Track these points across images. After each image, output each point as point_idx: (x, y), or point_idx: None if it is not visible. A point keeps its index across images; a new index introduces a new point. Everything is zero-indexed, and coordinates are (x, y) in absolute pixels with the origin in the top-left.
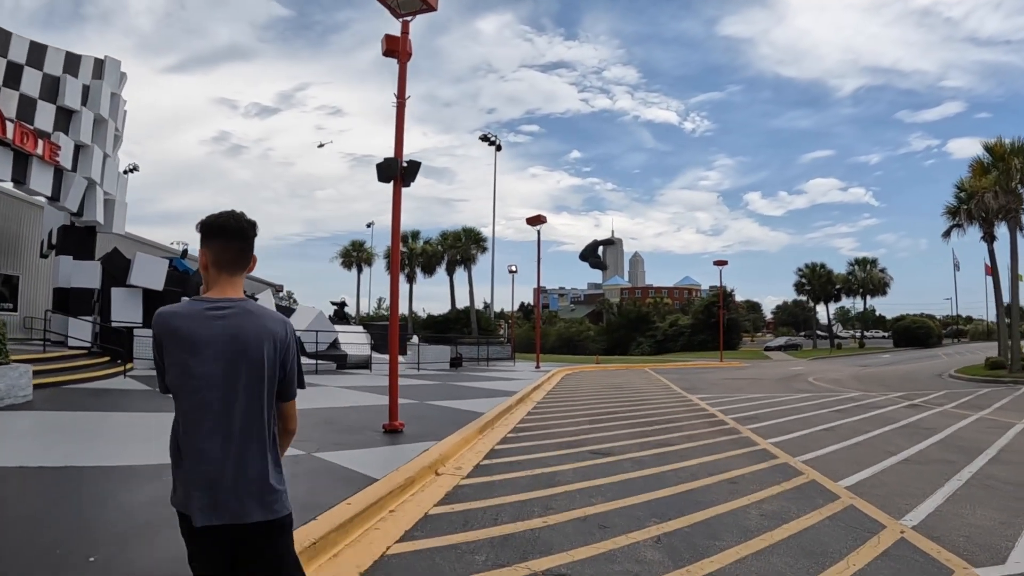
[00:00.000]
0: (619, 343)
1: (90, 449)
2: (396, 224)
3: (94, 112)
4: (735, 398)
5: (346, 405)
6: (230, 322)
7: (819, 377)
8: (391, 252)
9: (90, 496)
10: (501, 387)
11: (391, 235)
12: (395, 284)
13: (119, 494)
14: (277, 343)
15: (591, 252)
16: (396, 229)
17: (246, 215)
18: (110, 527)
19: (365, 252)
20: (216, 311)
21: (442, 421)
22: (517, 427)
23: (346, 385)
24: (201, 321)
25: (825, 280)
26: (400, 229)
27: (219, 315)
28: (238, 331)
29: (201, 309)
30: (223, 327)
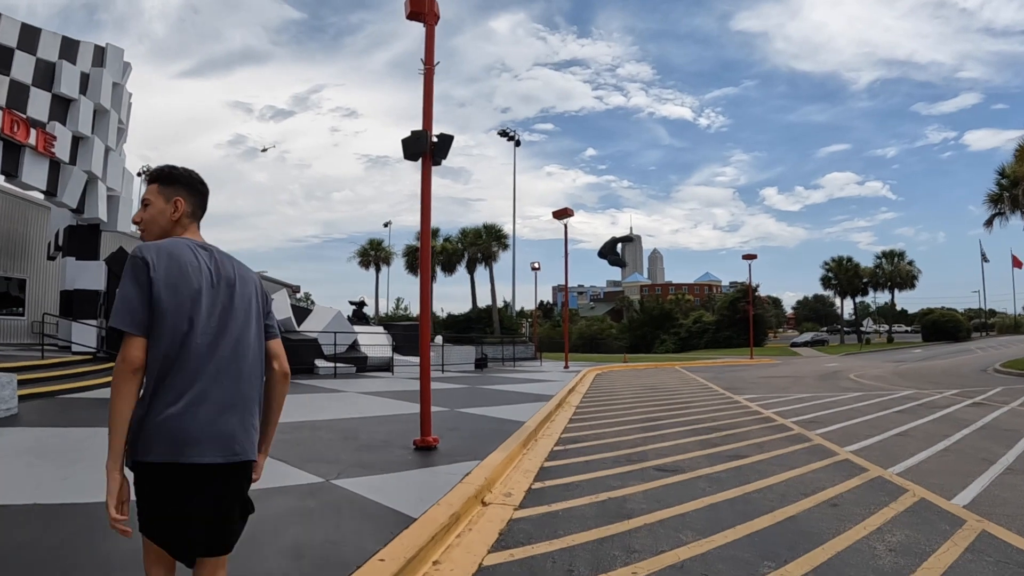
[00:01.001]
0: (642, 340)
1: (71, 478)
2: (426, 208)
3: (94, 102)
4: (783, 398)
5: (369, 415)
6: (217, 258)
7: (860, 374)
8: (421, 239)
9: (61, 547)
10: (534, 390)
11: (420, 220)
12: (426, 277)
13: (100, 544)
14: (257, 287)
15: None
16: (426, 213)
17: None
18: None
19: (383, 251)
20: (203, 249)
21: (479, 433)
22: (563, 438)
23: (368, 391)
24: (194, 253)
25: (852, 274)
26: (431, 214)
27: (206, 252)
28: (226, 268)
29: (190, 243)
30: (215, 262)
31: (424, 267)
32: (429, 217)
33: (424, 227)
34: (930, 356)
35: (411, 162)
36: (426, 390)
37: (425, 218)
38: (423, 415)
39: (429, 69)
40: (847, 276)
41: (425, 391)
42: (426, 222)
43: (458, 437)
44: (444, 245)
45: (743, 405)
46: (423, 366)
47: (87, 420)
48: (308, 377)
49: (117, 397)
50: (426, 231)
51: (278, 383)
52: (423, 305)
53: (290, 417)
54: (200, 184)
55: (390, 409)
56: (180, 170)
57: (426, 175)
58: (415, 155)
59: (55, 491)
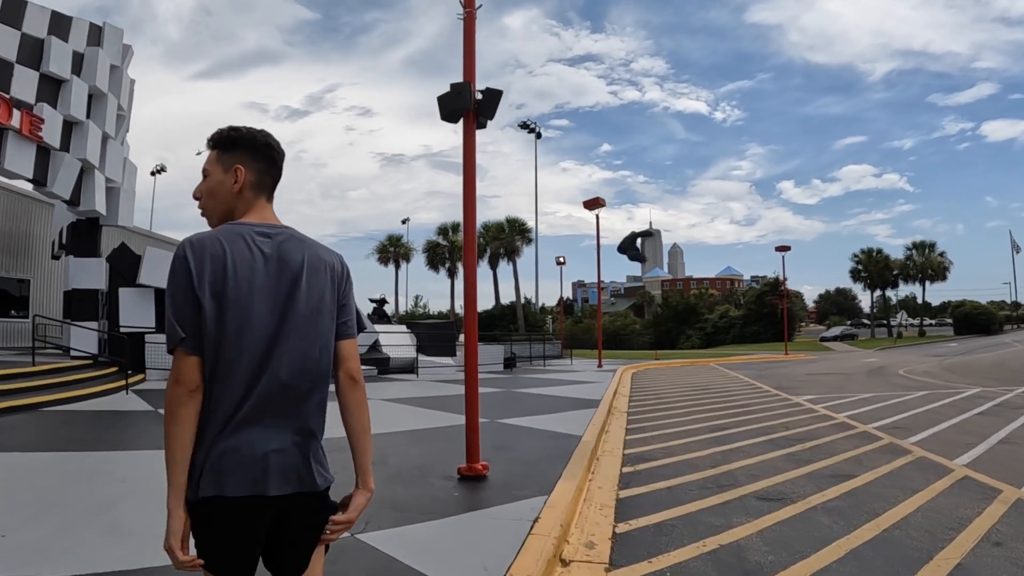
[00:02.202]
0: (667, 336)
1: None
2: (470, 177)
3: (89, 84)
4: (846, 399)
5: (398, 429)
6: (282, 244)
7: (908, 370)
8: (464, 217)
9: None
10: (574, 393)
11: (463, 194)
12: (471, 261)
13: None
14: (335, 272)
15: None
16: (470, 183)
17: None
18: None
19: (403, 247)
20: (263, 236)
21: (531, 453)
22: (628, 455)
23: (393, 397)
24: (250, 244)
25: (883, 266)
26: (475, 186)
27: (268, 240)
28: (291, 256)
29: (247, 231)
30: (277, 251)
31: (469, 247)
32: (474, 189)
33: (468, 200)
34: (969, 350)
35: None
36: (473, 405)
37: (469, 189)
38: (470, 436)
39: (470, 13)
40: (877, 268)
41: (472, 406)
42: (470, 194)
43: (508, 459)
44: None
45: (807, 408)
46: (469, 375)
47: (68, 442)
48: None
49: (172, 423)
50: (470, 203)
51: (347, 390)
52: (468, 297)
53: None
54: (267, 147)
55: (421, 421)
56: (243, 131)
57: (469, 138)
58: (454, 114)
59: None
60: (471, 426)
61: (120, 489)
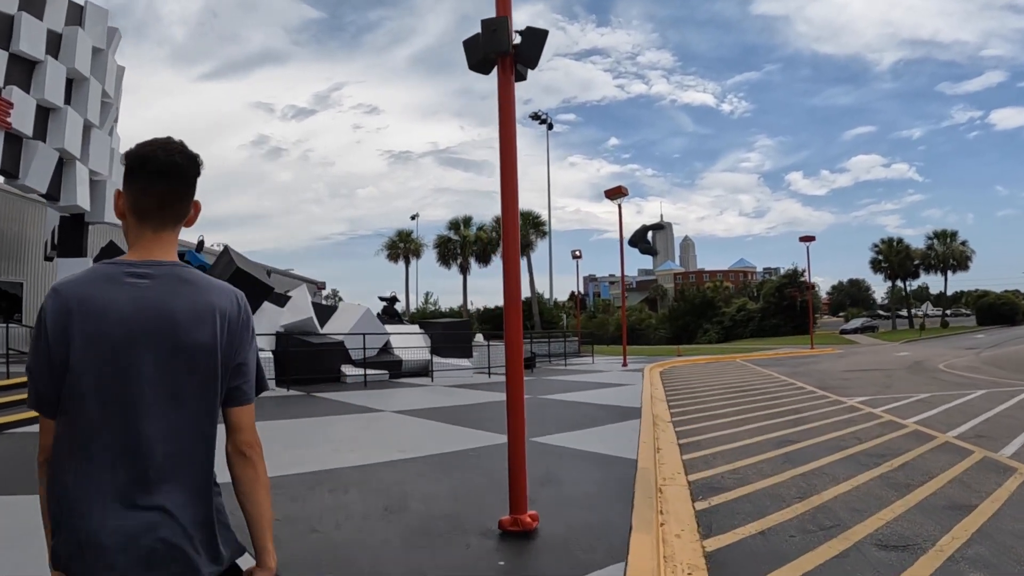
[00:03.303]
0: (684, 330)
1: None
2: (508, 144)
3: (67, 66)
4: (901, 400)
5: (417, 453)
6: (152, 293)
7: (948, 364)
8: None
9: None
10: (608, 399)
11: (501, 167)
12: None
13: None
14: (225, 323)
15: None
16: (508, 152)
17: (185, 145)
18: None
19: (413, 243)
20: (137, 278)
21: (582, 486)
22: (694, 482)
23: (408, 408)
24: (119, 289)
25: (904, 256)
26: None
27: (142, 283)
28: (164, 305)
29: (118, 273)
30: (143, 300)
31: (510, 230)
32: (514, 158)
33: (507, 171)
34: (999, 342)
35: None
36: (519, 438)
37: (508, 158)
38: (515, 479)
39: None
40: (899, 259)
41: (517, 440)
42: (509, 163)
43: (558, 500)
44: (478, 235)
45: (867, 412)
46: (513, 400)
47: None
48: (333, 388)
49: (40, 488)
50: (510, 174)
51: (236, 467)
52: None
53: (302, 463)
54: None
55: (442, 441)
56: (132, 149)
57: (506, 93)
58: (485, 63)
59: None
60: (516, 466)
61: None
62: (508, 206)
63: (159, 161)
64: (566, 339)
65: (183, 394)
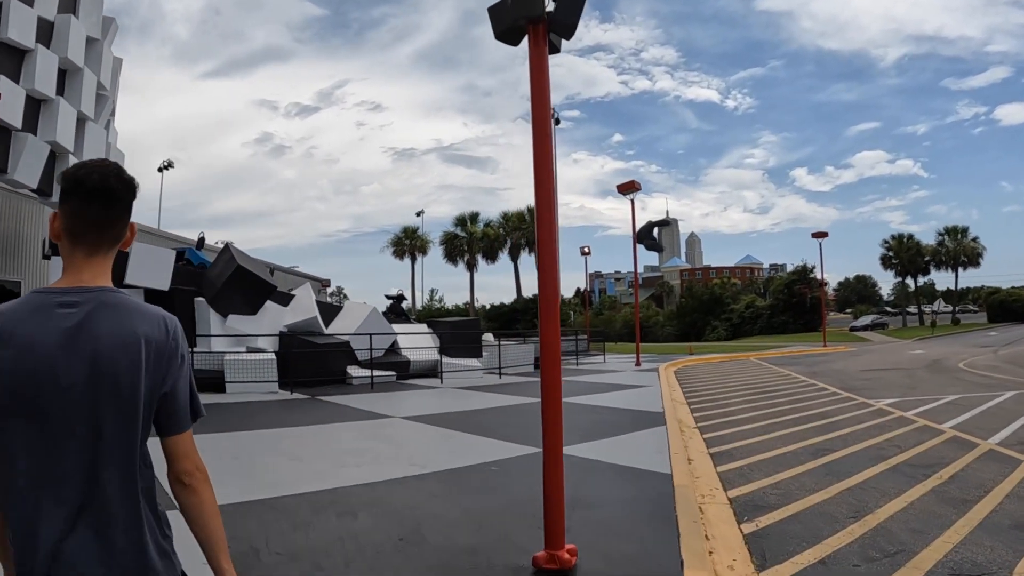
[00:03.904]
0: (692, 327)
1: None
2: (541, 119)
3: (59, 56)
4: (931, 402)
5: (430, 471)
6: (77, 323)
7: (968, 363)
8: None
9: None
10: (627, 402)
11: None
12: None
13: None
14: (154, 349)
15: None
16: (542, 130)
17: (120, 168)
18: None
19: (419, 239)
20: (65, 307)
21: (618, 507)
22: (735, 499)
23: (418, 413)
24: (48, 318)
25: (914, 252)
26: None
27: (70, 312)
28: (89, 335)
29: (48, 303)
30: (68, 332)
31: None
32: (549, 138)
33: (540, 156)
34: (1015, 339)
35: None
36: (556, 462)
37: (541, 140)
38: (552, 509)
39: None
40: (909, 255)
41: (555, 464)
42: (543, 146)
43: (593, 527)
44: (485, 231)
45: (899, 416)
46: (550, 415)
47: None
48: (338, 391)
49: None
50: (544, 158)
51: (178, 496)
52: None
53: (305, 480)
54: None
55: (458, 453)
56: (68, 171)
57: (538, 65)
58: (513, 31)
59: None
60: (553, 493)
61: None
62: (543, 193)
63: (94, 184)
64: (577, 337)
65: (108, 426)
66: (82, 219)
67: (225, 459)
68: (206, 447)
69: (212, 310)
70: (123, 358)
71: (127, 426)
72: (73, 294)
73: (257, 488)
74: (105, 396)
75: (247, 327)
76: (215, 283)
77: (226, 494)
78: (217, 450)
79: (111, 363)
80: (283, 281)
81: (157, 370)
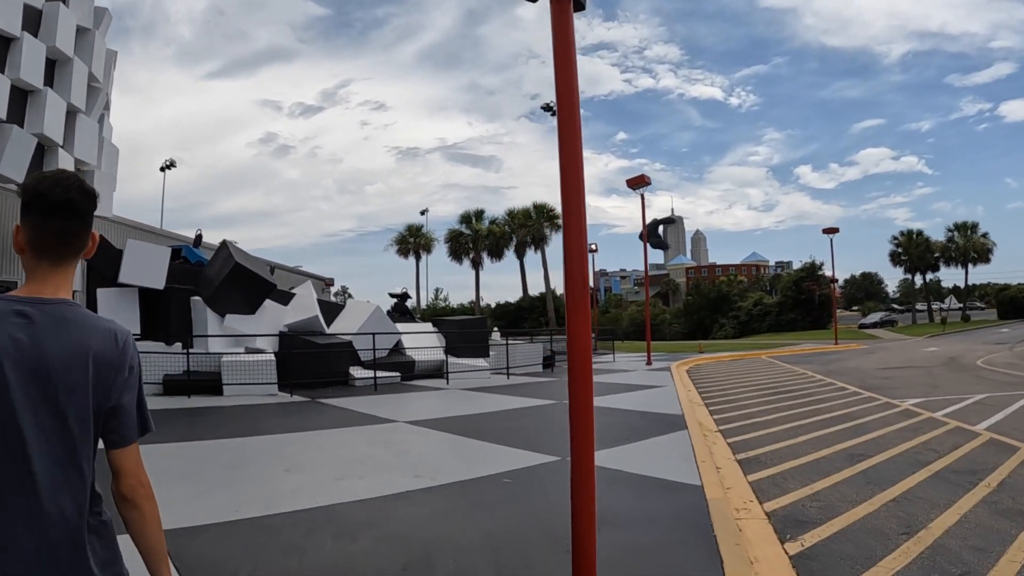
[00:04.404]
0: (699, 325)
1: None
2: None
3: (47, 45)
4: (958, 402)
5: (438, 483)
6: (30, 333)
7: (986, 361)
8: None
9: None
10: (643, 404)
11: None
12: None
13: None
14: (102, 363)
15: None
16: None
17: (81, 180)
18: None
19: (423, 237)
20: (20, 316)
21: (649, 527)
22: (774, 513)
23: (423, 417)
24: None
25: (924, 249)
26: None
27: (24, 323)
28: (38, 347)
29: (5, 311)
30: (20, 342)
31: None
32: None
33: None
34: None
35: None
36: (586, 482)
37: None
38: (581, 539)
39: None
40: (918, 251)
41: (585, 485)
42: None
43: (624, 552)
44: (491, 228)
45: (926, 417)
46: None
47: None
48: (340, 393)
49: None
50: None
51: (122, 511)
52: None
53: (300, 495)
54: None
55: (468, 461)
56: (28, 183)
57: (562, 23)
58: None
59: None
60: (583, 524)
61: None
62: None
63: (57, 198)
64: None
65: (54, 438)
66: (47, 232)
67: (215, 469)
68: (196, 455)
69: (209, 309)
70: (71, 371)
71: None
72: (30, 304)
73: (247, 504)
74: (53, 407)
75: (246, 327)
76: (212, 281)
77: (211, 511)
78: (208, 459)
79: (60, 375)
80: (284, 280)
81: (104, 384)
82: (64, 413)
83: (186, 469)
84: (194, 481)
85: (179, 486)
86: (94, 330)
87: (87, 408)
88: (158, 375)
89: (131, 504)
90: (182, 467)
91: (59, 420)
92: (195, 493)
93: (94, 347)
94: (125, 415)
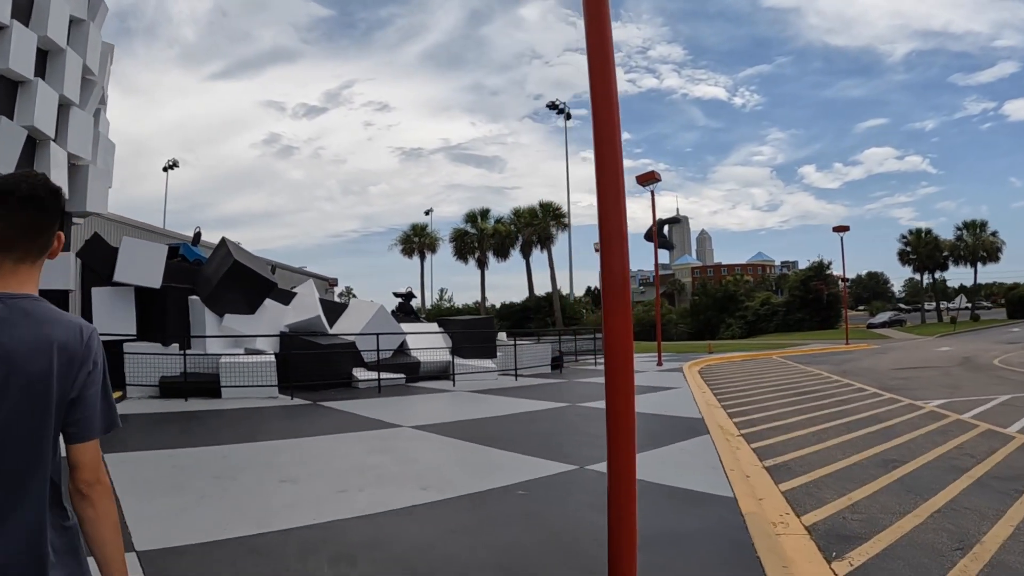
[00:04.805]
0: (707, 325)
1: None
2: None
3: (39, 34)
4: (982, 404)
5: (449, 495)
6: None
7: (1003, 360)
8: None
9: None
10: (659, 407)
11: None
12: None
13: None
14: (64, 357)
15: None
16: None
17: (47, 178)
18: None
19: (428, 236)
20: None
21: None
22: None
23: (429, 421)
24: None
25: (932, 247)
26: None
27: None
28: (3, 336)
29: None
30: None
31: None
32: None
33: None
34: None
35: None
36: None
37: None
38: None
39: None
40: (927, 250)
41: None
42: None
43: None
44: (497, 227)
45: (954, 419)
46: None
47: None
48: (342, 396)
49: None
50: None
51: (76, 507)
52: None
53: (296, 510)
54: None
55: (477, 470)
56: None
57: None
58: None
59: None
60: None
61: None
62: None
63: (23, 194)
64: (596, 336)
65: (16, 430)
66: (12, 229)
67: (205, 479)
68: (185, 464)
69: (207, 309)
70: (34, 362)
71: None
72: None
73: (237, 521)
74: (15, 399)
75: (245, 327)
76: (211, 280)
77: (196, 529)
78: (198, 468)
79: (23, 367)
80: (286, 279)
81: (67, 376)
82: (28, 405)
83: (173, 480)
84: (180, 493)
85: (163, 499)
86: (59, 323)
87: (50, 400)
88: (154, 377)
89: (87, 500)
90: (169, 477)
91: (22, 411)
92: (180, 507)
93: (59, 338)
94: (87, 408)
